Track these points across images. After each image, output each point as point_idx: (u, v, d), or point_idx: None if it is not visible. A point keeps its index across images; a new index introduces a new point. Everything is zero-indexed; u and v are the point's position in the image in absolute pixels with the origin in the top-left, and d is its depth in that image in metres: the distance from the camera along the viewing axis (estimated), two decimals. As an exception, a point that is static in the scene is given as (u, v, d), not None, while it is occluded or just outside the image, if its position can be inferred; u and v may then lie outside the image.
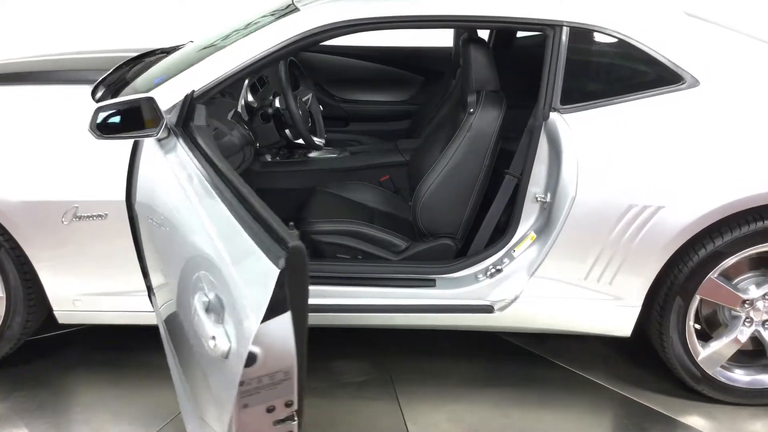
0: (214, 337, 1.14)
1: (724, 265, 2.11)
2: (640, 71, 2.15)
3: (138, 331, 2.28)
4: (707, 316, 2.28)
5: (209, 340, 1.15)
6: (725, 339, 2.20)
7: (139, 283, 2.15)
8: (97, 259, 2.14)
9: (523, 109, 2.26)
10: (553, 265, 2.15)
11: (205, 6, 4.39)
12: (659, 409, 2.25)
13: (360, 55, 3.66)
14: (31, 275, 2.17)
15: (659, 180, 2.03)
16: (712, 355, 2.22)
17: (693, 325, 2.19)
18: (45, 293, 2.20)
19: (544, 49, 2.12)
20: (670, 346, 2.22)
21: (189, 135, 1.71)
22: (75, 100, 2.22)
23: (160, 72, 2.31)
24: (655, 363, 2.35)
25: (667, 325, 2.19)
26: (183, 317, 1.55)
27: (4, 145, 2.10)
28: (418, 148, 2.83)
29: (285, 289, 1.08)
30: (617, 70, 2.22)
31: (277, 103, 2.53)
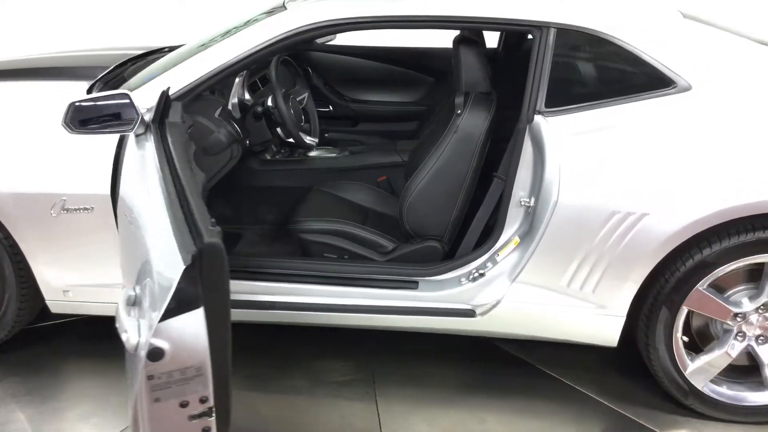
0: (126, 331, 1.16)
1: (713, 276, 2.03)
2: (629, 74, 2.09)
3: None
4: (698, 329, 2.20)
5: (123, 333, 1.17)
6: (715, 353, 2.13)
7: (124, 276, 2.20)
8: (85, 251, 2.20)
9: None
10: (534, 271, 2.11)
11: (205, 6, 4.45)
12: (646, 424, 2.18)
13: (370, 56, 3.66)
14: (24, 265, 2.24)
15: (644, 186, 1.97)
16: (701, 369, 2.14)
17: (681, 337, 2.12)
18: (37, 283, 2.27)
19: (530, 51, 2.08)
20: (657, 359, 2.15)
21: (160, 131, 1.74)
22: (68, 94, 2.27)
23: (155, 70, 2.35)
24: (646, 374, 2.27)
25: (654, 337, 2.12)
26: None
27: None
28: (414, 149, 2.82)
29: (196, 286, 1.09)
30: (605, 73, 2.17)
31: (270, 102, 2.55)
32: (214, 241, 1.14)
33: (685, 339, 2.13)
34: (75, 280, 2.26)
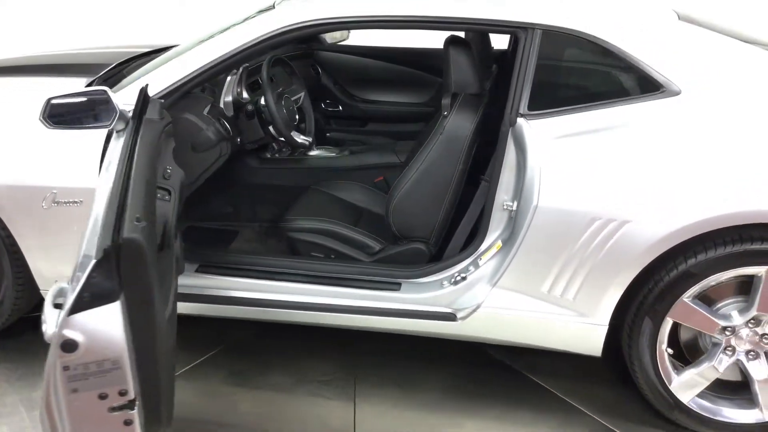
0: (45, 322, 1.19)
1: (699, 287, 1.96)
2: (616, 77, 2.04)
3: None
4: (688, 341, 2.13)
5: (43, 324, 1.19)
6: (702, 367, 2.05)
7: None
8: (75, 243, 2.25)
9: None
10: (515, 276, 2.08)
11: (205, 6, 4.49)
12: (629, 437, 2.13)
13: (380, 56, 3.66)
14: (20, 256, 2.31)
15: (626, 192, 1.91)
16: (687, 383, 2.07)
17: (666, 349, 2.06)
18: (32, 273, 2.34)
19: (515, 53, 2.05)
20: (641, 370, 2.09)
21: (135, 128, 1.77)
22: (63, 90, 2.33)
23: (149, 68, 2.40)
24: (634, 386, 2.20)
25: (637, 348, 2.06)
26: None
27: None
28: (411, 150, 2.80)
29: (111, 280, 1.11)
30: (591, 76, 2.12)
31: (263, 101, 2.57)
32: (132, 236, 1.15)
33: (670, 351, 2.06)
34: (67, 271, 2.30)
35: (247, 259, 2.34)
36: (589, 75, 2.12)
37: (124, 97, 2.09)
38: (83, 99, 1.81)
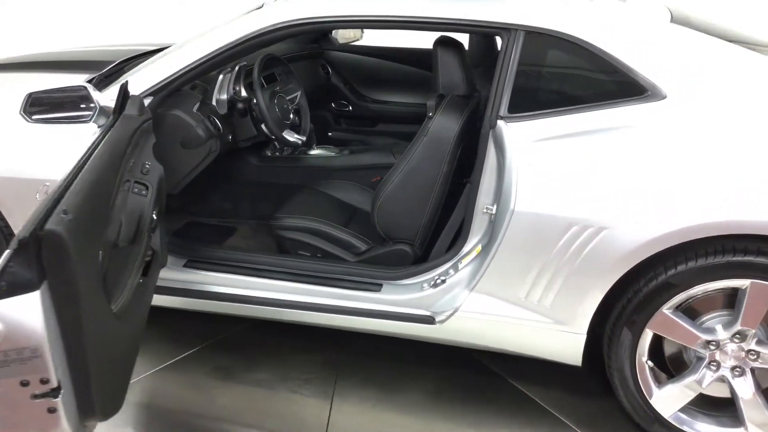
0: None
1: (679, 298, 1.90)
2: (600, 81, 1.99)
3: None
4: (672, 354, 2.06)
5: None
6: (684, 381, 1.98)
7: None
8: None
9: None
10: (492, 281, 2.05)
11: (205, 6, 4.53)
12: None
13: (391, 57, 3.66)
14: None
15: (604, 199, 1.86)
16: (668, 397, 2.00)
17: (647, 361, 1.99)
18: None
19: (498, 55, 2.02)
20: (620, 382, 2.03)
21: (111, 123, 1.82)
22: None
23: (144, 66, 2.45)
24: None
25: (616, 359, 2.01)
26: None
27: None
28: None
29: (30, 270, 1.13)
30: (574, 79, 2.07)
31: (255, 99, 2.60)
32: (53, 228, 1.18)
33: (650, 364, 2.00)
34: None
35: (233, 255, 2.37)
36: (572, 78, 2.07)
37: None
38: (64, 94, 1.85)
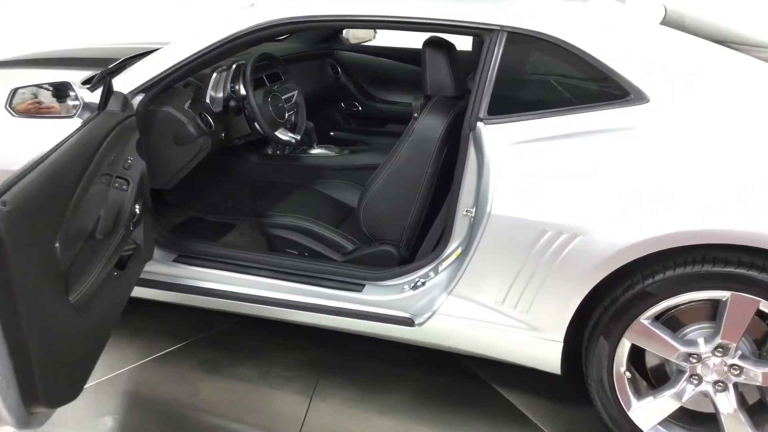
0: None
1: (658, 308, 1.83)
2: (582, 83, 1.94)
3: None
4: (655, 366, 2.00)
5: None
6: (664, 394, 1.92)
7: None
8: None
9: None
10: (469, 285, 2.02)
11: (205, 6, 4.55)
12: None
13: (401, 58, 3.65)
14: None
15: (579, 204, 1.82)
16: (647, 410, 1.94)
17: (625, 372, 1.94)
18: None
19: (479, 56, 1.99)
20: (597, 392, 1.98)
21: (91, 118, 1.86)
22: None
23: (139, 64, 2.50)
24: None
25: (592, 368, 1.96)
26: None
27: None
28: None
29: None
30: (556, 81, 2.02)
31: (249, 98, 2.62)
32: None
33: (628, 375, 1.94)
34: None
35: (221, 251, 2.39)
36: (554, 80, 2.02)
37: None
38: (48, 90, 1.91)
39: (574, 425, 2.17)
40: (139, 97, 2.23)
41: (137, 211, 2.06)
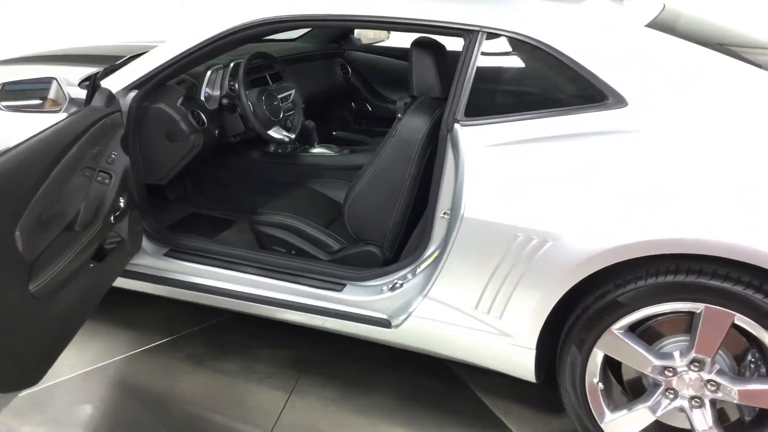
0: None
1: (630, 319, 1.78)
2: (560, 86, 1.90)
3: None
4: (632, 378, 1.94)
5: None
6: (637, 408, 1.86)
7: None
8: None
9: None
10: (443, 289, 2.00)
11: (205, 6, 4.56)
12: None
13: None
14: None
15: (550, 209, 1.78)
16: (620, 424, 1.88)
17: (598, 383, 1.89)
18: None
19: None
20: (569, 403, 1.94)
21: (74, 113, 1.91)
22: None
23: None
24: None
25: (564, 378, 1.91)
26: None
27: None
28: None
29: None
30: (533, 83, 1.99)
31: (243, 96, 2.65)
32: None
33: (601, 386, 1.89)
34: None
35: (209, 246, 2.43)
36: (532, 82, 1.99)
37: (108, 86, 2.26)
38: (35, 86, 1.97)
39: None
40: (132, 94, 2.29)
41: (121, 204, 2.11)
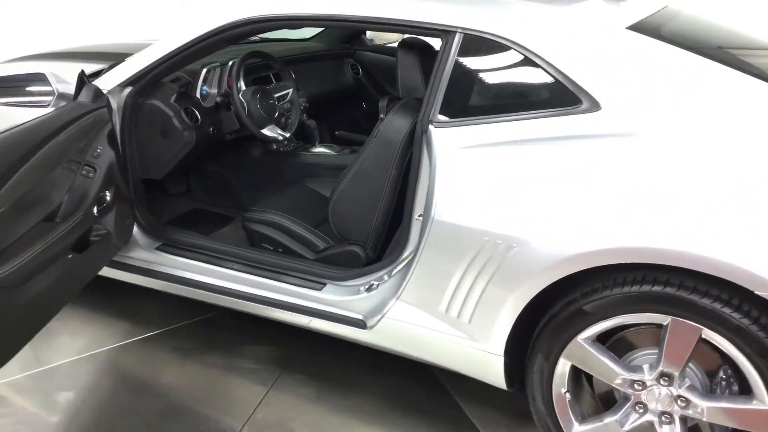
0: None
1: (599, 328, 1.73)
2: (536, 89, 1.86)
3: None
4: (605, 390, 1.89)
5: None
6: (605, 421, 1.81)
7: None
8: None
9: None
10: (414, 291, 1.99)
11: (205, 6, 4.55)
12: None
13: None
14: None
15: (517, 213, 1.75)
16: (588, 435, 1.84)
17: (565, 393, 1.84)
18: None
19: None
20: (537, 412, 1.90)
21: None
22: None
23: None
24: None
25: (533, 387, 1.87)
26: None
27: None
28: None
29: None
30: (508, 85, 1.94)
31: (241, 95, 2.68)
32: None
33: (568, 396, 1.84)
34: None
35: (198, 241, 2.46)
36: (507, 84, 1.95)
37: (105, 83, 2.33)
38: (25, 81, 2.04)
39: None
40: (128, 90, 2.35)
41: (107, 198, 2.16)
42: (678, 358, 1.66)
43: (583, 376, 1.90)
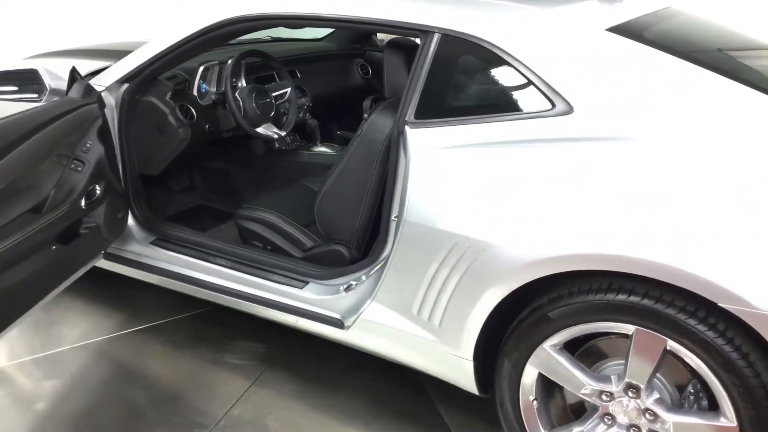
0: None
1: (563, 336, 1.69)
2: (511, 91, 1.83)
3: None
4: (576, 400, 1.84)
5: None
6: (573, 429, 1.77)
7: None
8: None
9: None
10: (388, 292, 1.99)
11: (205, 6, 4.50)
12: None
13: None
14: None
15: (486, 216, 1.72)
16: (556, 445, 1.80)
17: (533, 400, 1.81)
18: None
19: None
20: (504, 419, 1.87)
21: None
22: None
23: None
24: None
25: (500, 393, 1.85)
26: None
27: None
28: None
29: None
30: (483, 87, 1.92)
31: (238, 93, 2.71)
32: None
33: (536, 404, 1.81)
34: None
35: (188, 236, 2.50)
36: (483, 85, 1.93)
37: (103, 79, 2.40)
38: (17, 75, 2.11)
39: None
40: (125, 87, 2.40)
41: (97, 192, 2.21)
42: (643, 369, 1.61)
43: (556, 384, 1.86)
